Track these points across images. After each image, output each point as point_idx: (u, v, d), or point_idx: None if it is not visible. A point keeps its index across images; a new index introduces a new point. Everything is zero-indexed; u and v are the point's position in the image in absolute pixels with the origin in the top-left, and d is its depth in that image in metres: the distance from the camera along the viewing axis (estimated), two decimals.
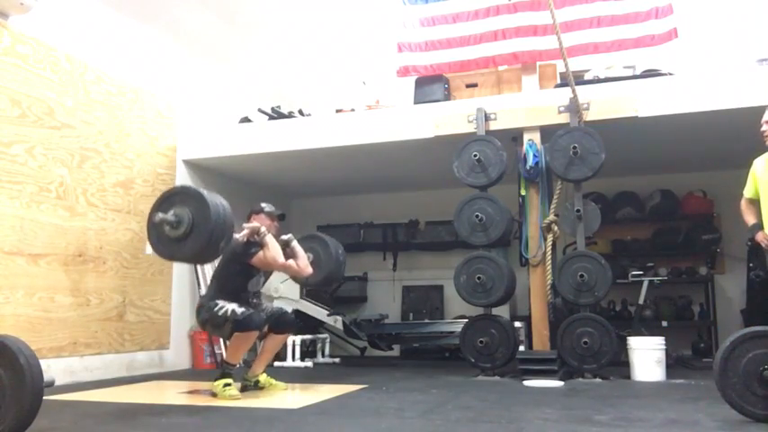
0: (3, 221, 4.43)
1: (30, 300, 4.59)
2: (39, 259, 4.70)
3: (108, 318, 5.28)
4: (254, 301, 4.30)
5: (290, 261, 4.29)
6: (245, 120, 6.53)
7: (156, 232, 3.40)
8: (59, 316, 4.83)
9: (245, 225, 4.16)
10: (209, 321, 4.10)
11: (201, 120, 6.58)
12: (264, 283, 4.49)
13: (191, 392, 4.33)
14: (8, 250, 4.46)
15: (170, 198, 3.44)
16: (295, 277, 4.61)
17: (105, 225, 5.34)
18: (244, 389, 4.25)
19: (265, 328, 4.29)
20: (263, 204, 4.44)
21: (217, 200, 3.41)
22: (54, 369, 4.59)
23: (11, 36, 4.59)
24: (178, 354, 6.07)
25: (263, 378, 4.37)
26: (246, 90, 7.33)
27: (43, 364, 2.67)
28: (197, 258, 3.90)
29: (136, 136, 5.76)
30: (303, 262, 4.35)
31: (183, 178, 6.34)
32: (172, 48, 6.36)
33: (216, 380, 4.06)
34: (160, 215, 3.32)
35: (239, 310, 3.99)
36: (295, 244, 4.37)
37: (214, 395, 4.00)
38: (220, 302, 4.05)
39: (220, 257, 4.18)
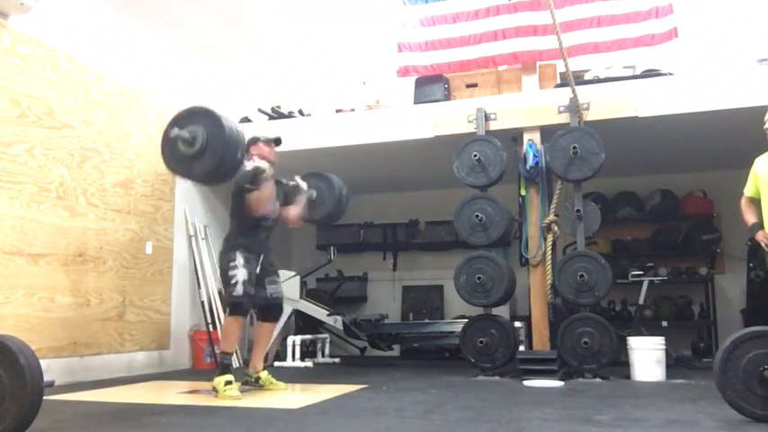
0: (3, 221, 4.43)
1: (30, 300, 4.59)
2: (39, 259, 4.70)
3: (108, 318, 5.28)
4: (268, 269, 4.37)
5: (283, 208, 4.45)
6: (245, 120, 6.52)
7: (170, 148, 3.38)
8: (59, 316, 4.83)
9: (248, 167, 4.12)
10: (223, 273, 4.22)
11: None
12: (267, 240, 4.52)
13: (191, 392, 4.33)
14: (8, 250, 4.46)
15: (188, 116, 3.42)
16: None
17: (105, 225, 5.34)
18: (245, 384, 4.28)
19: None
20: (258, 134, 4.48)
21: (231, 123, 3.40)
22: (54, 369, 4.59)
23: (11, 36, 4.59)
24: (178, 354, 6.07)
25: (265, 376, 4.38)
26: (246, 90, 7.33)
27: (43, 364, 2.67)
28: (207, 179, 3.85)
29: (136, 136, 5.76)
30: (295, 212, 4.45)
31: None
32: (172, 48, 6.36)
33: (217, 376, 4.07)
34: (176, 131, 3.29)
35: (240, 288, 4.08)
36: (302, 196, 4.50)
37: (215, 391, 4.01)
38: (236, 259, 4.14)
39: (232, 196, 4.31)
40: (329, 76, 7.93)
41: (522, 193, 5.32)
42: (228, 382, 4.00)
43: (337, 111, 6.28)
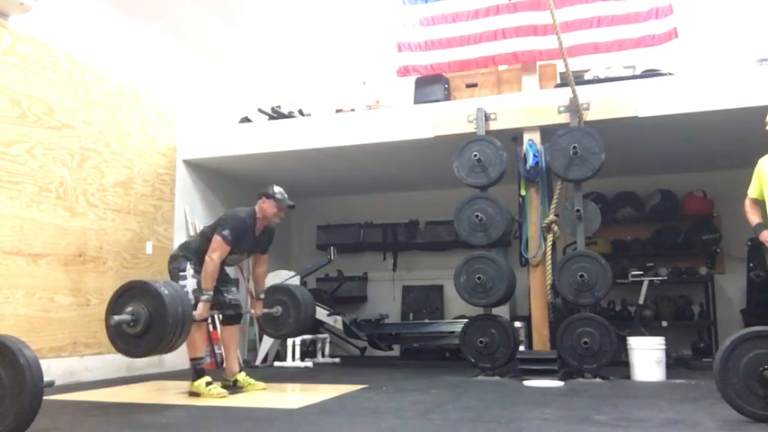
0: (3, 221, 4.43)
1: (30, 300, 4.59)
2: (39, 259, 4.70)
3: None
4: (224, 279, 4.36)
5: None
6: (245, 120, 6.53)
7: (114, 332, 3.36)
8: (59, 316, 4.83)
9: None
10: (172, 279, 4.13)
11: (201, 120, 6.58)
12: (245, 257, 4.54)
13: (190, 392, 4.33)
14: (8, 250, 4.46)
15: (125, 294, 3.39)
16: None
17: (105, 225, 5.34)
18: (224, 388, 4.25)
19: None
20: (276, 189, 4.33)
21: (172, 292, 3.36)
22: (54, 369, 4.59)
23: (11, 36, 4.59)
24: (178, 354, 6.00)
25: (242, 378, 4.37)
26: (246, 90, 7.33)
27: (43, 364, 2.67)
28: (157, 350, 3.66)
29: (136, 136, 5.76)
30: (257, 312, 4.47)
31: (183, 178, 6.35)
32: (172, 48, 6.36)
33: (193, 380, 4.06)
34: (115, 318, 3.27)
35: (192, 297, 3.98)
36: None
37: (195, 395, 4.02)
38: (186, 270, 4.12)
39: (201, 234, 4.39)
40: (329, 76, 7.93)
41: (522, 193, 5.32)
42: (209, 383, 4.00)
43: (337, 111, 6.28)
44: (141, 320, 3.27)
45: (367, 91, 7.06)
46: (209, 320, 4.35)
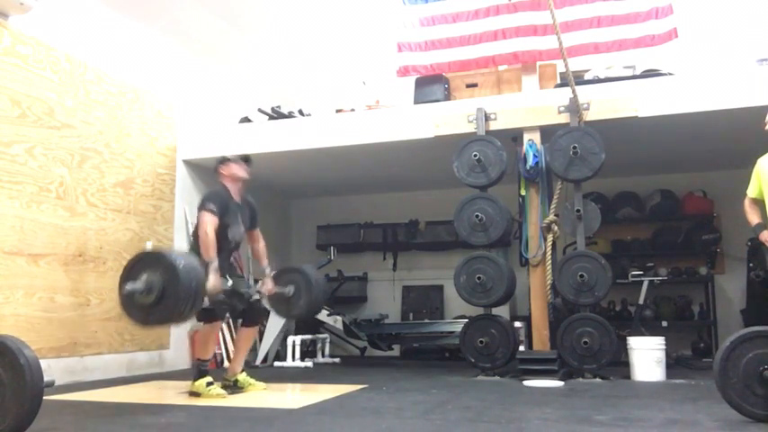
0: (3, 221, 4.43)
1: (30, 300, 4.59)
2: (39, 259, 4.70)
3: (108, 318, 5.28)
4: (233, 260, 4.28)
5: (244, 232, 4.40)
6: (245, 120, 6.53)
7: (128, 301, 3.35)
8: (59, 316, 4.83)
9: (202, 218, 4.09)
10: None
11: (201, 120, 6.58)
12: (244, 232, 4.44)
13: (191, 392, 4.33)
14: (8, 250, 4.46)
15: (138, 264, 3.38)
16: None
17: (105, 225, 5.34)
18: (224, 388, 4.25)
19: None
20: (228, 155, 4.46)
21: (185, 263, 3.35)
22: (54, 369, 4.59)
23: (11, 36, 4.59)
24: (178, 354, 6.07)
25: (242, 378, 4.37)
26: (246, 90, 7.33)
27: (43, 364, 2.67)
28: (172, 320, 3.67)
29: (136, 136, 5.76)
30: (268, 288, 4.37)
31: (183, 178, 6.35)
32: (172, 48, 6.36)
33: (194, 380, 4.06)
34: (130, 285, 3.26)
35: (206, 299, 3.92)
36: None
37: (195, 395, 4.01)
38: None
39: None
40: (329, 76, 7.93)
41: (522, 193, 5.32)
42: (210, 383, 4.00)
43: (337, 111, 6.27)
44: (155, 290, 3.26)
45: (367, 91, 7.06)
46: (226, 321, 4.28)
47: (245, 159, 4.44)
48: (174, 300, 3.26)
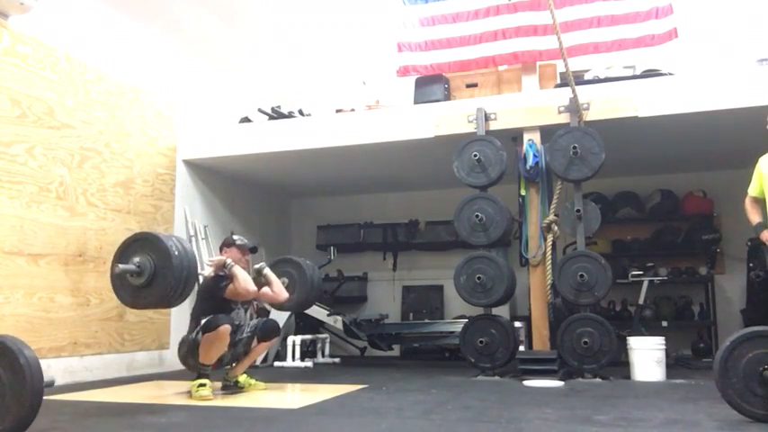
0: (3, 221, 4.43)
1: (30, 300, 4.59)
2: (39, 259, 4.70)
3: (108, 318, 5.28)
4: (237, 336, 4.25)
5: (265, 289, 4.30)
6: (245, 120, 6.53)
7: (119, 282, 3.37)
8: (59, 316, 4.83)
9: (209, 260, 4.14)
10: (188, 353, 4.07)
11: (201, 120, 6.58)
12: (247, 314, 4.45)
13: (190, 392, 4.33)
14: (8, 250, 4.46)
15: (132, 246, 3.39)
16: (272, 303, 4.63)
17: (105, 225, 5.34)
18: (224, 388, 4.26)
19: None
20: (235, 237, 4.49)
21: (178, 243, 3.37)
22: (54, 369, 4.59)
23: (11, 36, 4.59)
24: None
25: (243, 378, 4.37)
26: (246, 90, 7.33)
27: (43, 364, 2.67)
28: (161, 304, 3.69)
29: (136, 136, 5.76)
30: (277, 287, 4.35)
31: (183, 178, 6.35)
32: (172, 48, 6.36)
33: (193, 380, 4.07)
34: (120, 266, 3.27)
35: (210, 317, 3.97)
36: (267, 271, 4.37)
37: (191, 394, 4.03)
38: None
39: (196, 295, 4.21)
40: (329, 76, 7.93)
41: (522, 193, 5.32)
42: (202, 385, 3.98)
43: (337, 111, 6.27)
44: (146, 272, 3.28)
45: (367, 91, 7.05)
46: (241, 336, 4.26)
47: (253, 251, 4.46)
48: (163, 285, 3.28)
